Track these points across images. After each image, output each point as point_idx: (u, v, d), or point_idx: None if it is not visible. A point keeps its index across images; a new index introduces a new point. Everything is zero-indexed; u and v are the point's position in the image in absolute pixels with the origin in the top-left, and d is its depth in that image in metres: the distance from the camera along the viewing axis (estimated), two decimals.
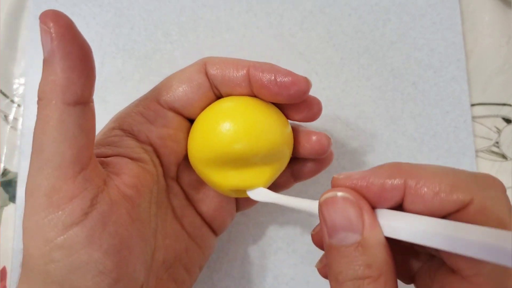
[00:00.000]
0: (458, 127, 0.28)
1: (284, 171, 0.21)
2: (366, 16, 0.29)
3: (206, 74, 0.19)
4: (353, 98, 0.28)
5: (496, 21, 0.29)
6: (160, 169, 0.19)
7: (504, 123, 0.28)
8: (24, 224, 0.15)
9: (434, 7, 0.29)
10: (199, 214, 0.21)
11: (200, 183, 0.22)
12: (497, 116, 0.28)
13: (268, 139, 0.19)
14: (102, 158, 0.17)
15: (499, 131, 0.28)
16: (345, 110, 0.28)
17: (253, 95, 0.19)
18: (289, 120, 0.21)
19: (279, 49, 0.29)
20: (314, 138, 0.20)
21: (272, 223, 0.27)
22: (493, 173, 0.28)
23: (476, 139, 0.28)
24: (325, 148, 0.20)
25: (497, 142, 0.28)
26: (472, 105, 0.28)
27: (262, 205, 0.27)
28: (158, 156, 0.19)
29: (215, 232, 0.22)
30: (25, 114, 0.28)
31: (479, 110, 0.28)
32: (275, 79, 0.18)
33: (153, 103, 0.19)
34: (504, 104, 0.29)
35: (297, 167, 0.22)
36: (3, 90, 0.29)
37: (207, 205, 0.21)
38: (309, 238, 0.26)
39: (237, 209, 0.23)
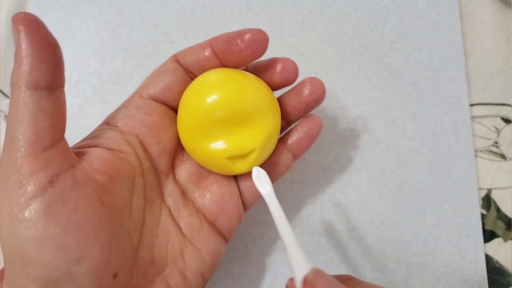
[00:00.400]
0: (457, 127, 0.28)
1: (280, 147, 0.22)
2: (366, 16, 0.29)
3: (178, 63, 0.20)
4: (353, 98, 0.28)
5: (496, 21, 0.29)
6: (147, 163, 0.19)
7: (503, 123, 0.28)
8: None
9: (434, 7, 0.29)
10: (201, 212, 0.21)
11: (200, 175, 0.21)
12: (496, 116, 0.28)
13: (250, 92, 0.19)
14: (80, 149, 0.18)
15: (498, 131, 0.28)
16: (345, 110, 0.28)
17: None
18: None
19: (279, 49, 0.29)
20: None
21: (271, 223, 0.27)
22: (492, 173, 0.28)
23: (475, 139, 0.28)
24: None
25: (496, 142, 0.28)
26: (472, 105, 0.28)
27: (262, 205, 0.27)
28: (146, 148, 0.19)
29: (221, 234, 0.21)
30: None
31: (478, 110, 0.28)
32: (234, 40, 0.19)
33: (135, 97, 0.20)
34: (503, 104, 0.29)
35: (290, 137, 0.22)
36: (3, 90, 0.29)
37: (208, 199, 0.21)
38: (308, 238, 0.26)
39: (244, 206, 0.22)
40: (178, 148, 0.21)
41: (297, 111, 0.21)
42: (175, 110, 0.21)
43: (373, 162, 0.27)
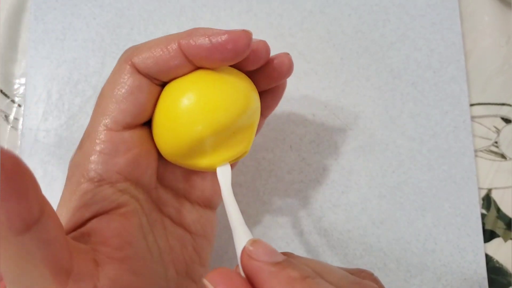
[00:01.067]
0: (457, 127, 0.28)
1: None
2: (366, 16, 0.29)
3: (137, 70, 0.17)
4: (353, 98, 0.28)
5: (496, 21, 0.29)
6: (142, 195, 0.18)
7: (503, 123, 0.28)
8: None
9: (434, 7, 0.29)
10: (195, 203, 0.20)
11: (184, 170, 0.20)
12: (496, 116, 0.28)
13: (234, 105, 0.17)
14: (81, 229, 0.16)
15: (498, 131, 0.28)
16: (344, 110, 0.28)
17: (198, 69, 0.18)
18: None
19: (279, 49, 0.29)
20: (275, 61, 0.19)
21: (271, 223, 0.27)
22: (492, 172, 0.28)
23: (475, 139, 0.28)
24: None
25: (496, 142, 0.28)
26: (471, 105, 0.28)
27: (262, 205, 0.27)
28: (137, 183, 0.18)
29: (214, 208, 0.21)
30: (26, 114, 0.28)
31: (478, 110, 0.29)
32: (210, 42, 0.16)
33: (107, 134, 0.17)
34: (503, 104, 0.29)
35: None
36: (3, 90, 0.29)
37: (200, 187, 0.20)
38: (308, 238, 0.26)
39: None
40: (159, 158, 0.20)
41: (266, 84, 0.20)
42: (149, 124, 0.19)
43: (373, 162, 0.27)
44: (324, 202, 0.27)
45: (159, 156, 0.19)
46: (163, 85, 0.18)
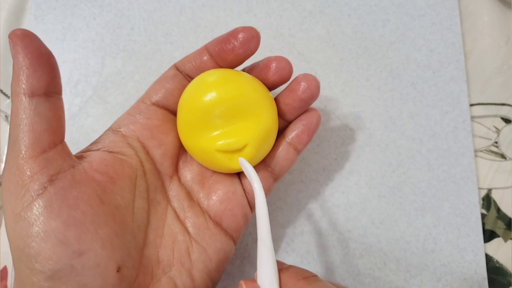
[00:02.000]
0: (457, 127, 0.28)
1: (280, 142, 0.22)
2: (365, 16, 0.29)
3: (178, 70, 0.21)
4: (353, 98, 0.28)
5: (495, 21, 0.30)
6: (149, 165, 0.20)
7: (503, 123, 0.28)
8: (3, 204, 0.16)
9: (433, 7, 0.29)
10: (206, 213, 0.21)
11: (203, 176, 0.22)
12: (496, 116, 0.29)
13: (245, 89, 0.20)
14: (83, 153, 0.19)
15: (498, 131, 0.28)
16: (344, 110, 0.28)
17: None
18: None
19: (279, 49, 0.29)
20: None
21: (271, 223, 0.27)
22: (492, 172, 0.28)
23: (475, 139, 0.28)
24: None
25: (496, 142, 0.28)
26: (471, 105, 0.29)
27: None
28: (148, 151, 0.20)
29: (227, 233, 0.21)
30: None
31: (478, 110, 0.29)
32: (228, 39, 0.20)
33: (138, 104, 0.21)
34: (503, 104, 0.29)
35: (289, 132, 0.22)
36: (3, 90, 0.29)
37: (213, 198, 0.21)
38: (308, 238, 0.26)
39: (250, 205, 0.22)
40: (181, 151, 0.22)
41: (292, 108, 0.21)
42: (176, 113, 0.21)
43: (372, 162, 0.27)
44: (324, 202, 0.27)
45: (181, 151, 0.22)
46: None
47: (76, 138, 0.27)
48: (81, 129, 0.28)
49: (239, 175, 0.22)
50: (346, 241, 0.26)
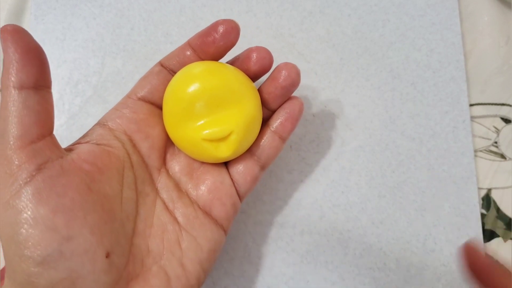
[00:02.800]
0: (457, 127, 0.28)
1: (265, 130, 0.22)
2: (365, 16, 0.29)
3: (162, 66, 0.22)
4: (353, 98, 0.28)
5: (495, 21, 0.30)
6: (136, 157, 0.20)
7: (503, 123, 0.28)
8: None
9: (433, 7, 0.29)
10: (195, 203, 0.21)
11: (191, 167, 0.22)
12: (496, 116, 0.29)
13: (228, 79, 0.20)
14: (71, 146, 0.19)
15: (498, 131, 0.28)
16: (344, 110, 0.28)
17: None
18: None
19: (279, 49, 0.29)
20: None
21: (271, 222, 0.27)
22: (492, 172, 0.28)
23: (475, 139, 0.28)
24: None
25: (496, 142, 0.28)
26: (471, 105, 0.29)
27: (262, 204, 0.27)
28: (135, 144, 0.21)
29: (217, 222, 0.21)
30: None
31: (478, 110, 0.29)
32: (208, 32, 0.20)
33: (125, 99, 0.22)
34: (503, 104, 0.29)
35: (273, 120, 0.22)
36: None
37: (201, 189, 0.21)
38: (308, 238, 0.26)
39: (239, 194, 0.22)
40: (168, 144, 0.22)
41: (275, 96, 0.22)
42: (162, 108, 0.22)
43: (372, 162, 0.27)
44: (324, 202, 0.27)
45: (168, 144, 0.22)
46: None
47: (76, 138, 0.27)
48: (81, 129, 0.28)
49: (227, 165, 0.23)
50: (346, 241, 0.26)
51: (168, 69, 0.22)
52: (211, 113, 0.20)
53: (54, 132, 0.28)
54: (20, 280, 0.16)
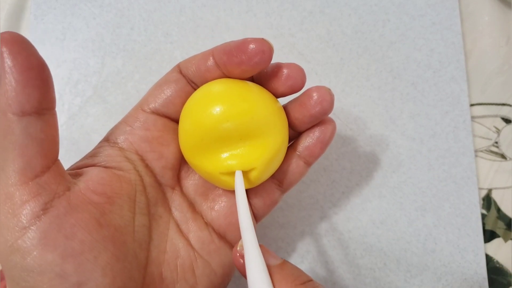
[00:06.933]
0: (457, 127, 0.28)
1: (290, 154, 0.20)
2: (365, 16, 0.29)
3: (181, 73, 0.20)
4: (353, 98, 0.28)
5: (496, 21, 0.30)
6: (149, 178, 0.19)
7: (504, 123, 0.28)
8: None
9: (434, 7, 0.29)
10: (210, 226, 0.20)
11: (207, 187, 0.20)
12: (496, 116, 0.28)
13: (254, 105, 0.18)
14: (78, 170, 0.18)
15: (498, 131, 0.28)
16: (344, 110, 0.28)
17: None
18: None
19: (279, 49, 0.29)
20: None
21: (272, 223, 0.27)
22: (492, 172, 0.28)
23: (475, 139, 0.28)
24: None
25: (496, 142, 0.28)
26: (472, 105, 0.28)
27: None
28: (147, 164, 0.19)
29: (232, 246, 0.20)
30: None
31: (478, 110, 0.29)
32: (236, 51, 0.18)
33: (136, 112, 0.19)
34: (503, 104, 0.29)
35: (301, 144, 0.20)
36: None
37: (217, 211, 0.20)
38: (308, 238, 0.26)
39: (256, 217, 0.21)
40: (183, 161, 0.20)
41: (302, 123, 0.20)
42: (177, 121, 0.20)
43: (373, 162, 0.27)
44: (324, 202, 0.27)
45: (183, 161, 0.20)
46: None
47: (76, 138, 0.27)
48: (81, 129, 0.28)
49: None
50: (346, 241, 0.26)
51: (187, 77, 0.20)
52: (233, 143, 0.18)
53: None
54: None
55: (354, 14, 0.29)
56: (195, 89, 0.20)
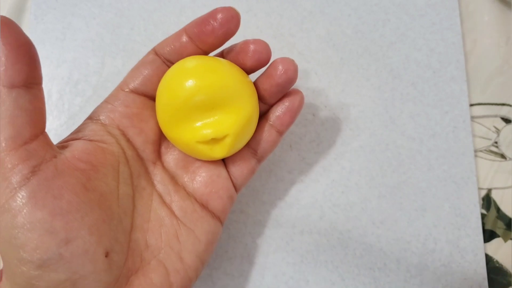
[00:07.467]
0: (457, 127, 0.28)
1: (263, 124, 0.22)
2: (365, 16, 0.29)
3: (156, 54, 0.21)
4: (353, 98, 0.28)
5: (495, 21, 0.30)
6: (130, 152, 0.20)
7: (503, 123, 0.28)
8: None
9: (434, 7, 0.29)
10: (192, 196, 0.21)
11: (187, 161, 0.22)
12: (496, 116, 0.28)
13: (224, 77, 0.19)
14: (64, 143, 0.19)
15: (498, 131, 0.28)
16: (345, 110, 0.28)
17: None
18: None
19: (279, 49, 0.29)
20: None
21: (271, 222, 0.27)
22: (492, 172, 0.28)
23: (475, 139, 0.28)
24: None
25: (496, 142, 0.28)
26: (471, 105, 0.28)
27: (261, 204, 0.27)
28: (129, 139, 0.20)
29: (214, 214, 0.21)
30: None
31: (478, 110, 0.29)
32: (207, 20, 0.20)
33: (117, 92, 0.21)
34: (503, 104, 0.29)
35: (272, 114, 0.22)
36: None
37: (198, 182, 0.21)
38: (308, 238, 0.26)
39: (235, 187, 0.22)
40: (163, 137, 0.22)
41: (271, 93, 0.21)
42: (155, 100, 0.21)
43: (373, 162, 0.27)
44: (324, 202, 0.27)
45: (163, 137, 0.22)
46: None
47: None
48: None
49: (224, 159, 0.22)
50: (346, 241, 0.26)
51: (162, 57, 0.21)
52: (206, 113, 0.20)
53: (54, 132, 0.28)
54: (19, 282, 0.16)
55: (354, 14, 0.29)
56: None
